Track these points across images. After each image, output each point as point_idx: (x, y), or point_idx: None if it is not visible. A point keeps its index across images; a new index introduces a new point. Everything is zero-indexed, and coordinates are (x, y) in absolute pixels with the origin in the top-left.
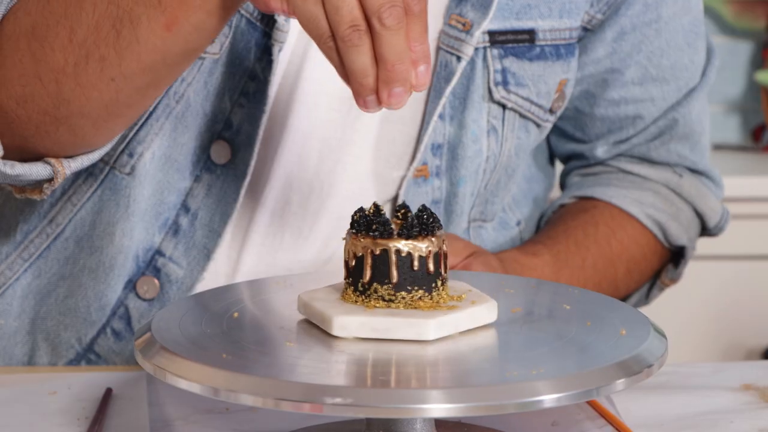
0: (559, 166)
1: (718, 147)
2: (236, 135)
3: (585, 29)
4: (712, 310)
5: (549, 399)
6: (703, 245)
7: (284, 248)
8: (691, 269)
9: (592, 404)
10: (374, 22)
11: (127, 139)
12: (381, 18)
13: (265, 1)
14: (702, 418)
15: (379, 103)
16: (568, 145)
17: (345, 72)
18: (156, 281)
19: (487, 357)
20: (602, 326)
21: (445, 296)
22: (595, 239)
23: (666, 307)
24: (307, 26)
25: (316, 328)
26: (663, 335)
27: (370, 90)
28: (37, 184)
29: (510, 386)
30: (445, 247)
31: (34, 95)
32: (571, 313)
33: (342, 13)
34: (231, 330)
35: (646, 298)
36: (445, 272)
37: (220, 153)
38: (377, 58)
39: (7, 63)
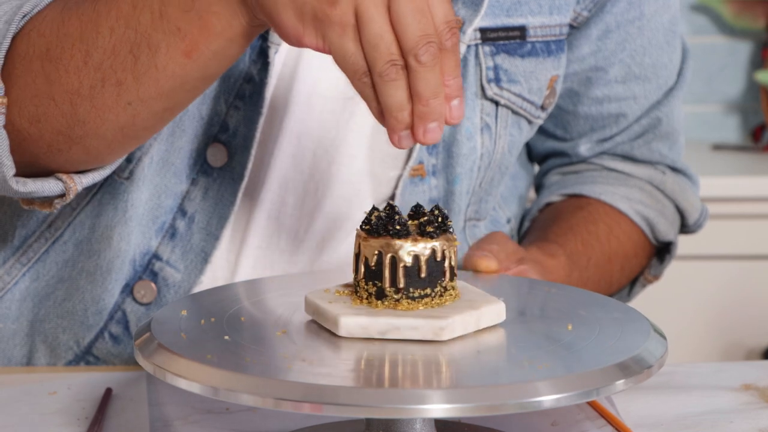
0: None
1: (718, 147)
2: (233, 138)
3: (570, 27)
4: (712, 310)
5: (549, 399)
6: (703, 245)
7: (281, 249)
8: (691, 269)
9: (592, 404)
10: (410, 59)
11: None
12: (417, 55)
13: (297, 36)
14: (702, 418)
15: (414, 139)
16: (548, 143)
17: (379, 109)
18: (153, 285)
19: (487, 357)
20: (602, 327)
21: (454, 297)
22: (597, 237)
23: (666, 307)
24: (343, 62)
25: (316, 327)
26: (663, 336)
27: (405, 125)
28: (47, 199)
29: (510, 386)
30: (455, 248)
31: (47, 115)
32: (571, 314)
33: (380, 49)
34: (231, 330)
35: (629, 295)
36: (455, 273)
37: (216, 156)
38: (412, 94)
39: (20, 83)
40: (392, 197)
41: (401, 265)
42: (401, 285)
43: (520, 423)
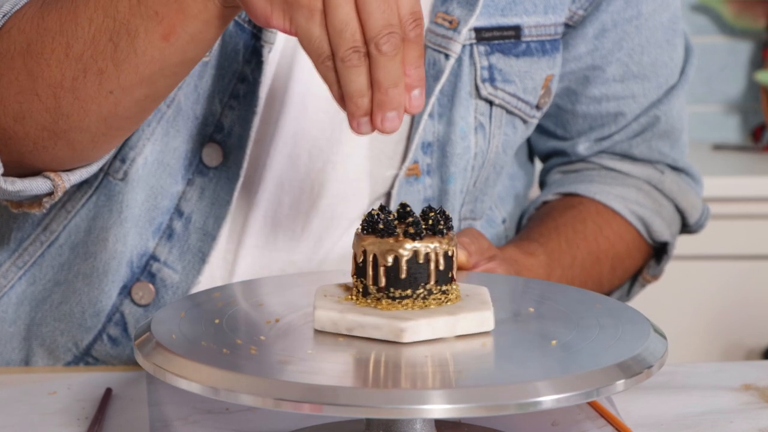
0: (538, 164)
1: (718, 147)
2: (228, 137)
3: (566, 26)
4: (712, 310)
5: (549, 400)
6: (703, 245)
7: (278, 249)
8: (691, 269)
9: (592, 404)
10: (371, 47)
11: (120, 145)
12: (378, 44)
13: (266, 17)
14: (702, 418)
15: (373, 126)
16: (549, 143)
17: (340, 93)
18: (151, 287)
19: (487, 358)
20: (602, 327)
21: (443, 301)
22: (584, 236)
23: (666, 307)
24: (308, 45)
25: (308, 322)
26: (663, 336)
27: (364, 112)
28: (36, 199)
29: (510, 387)
30: (453, 249)
31: (32, 111)
32: (570, 314)
33: (345, 35)
34: (230, 330)
35: (627, 295)
36: (451, 277)
37: (211, 156)
38: (372, 83)
39: (3, 81)
40: (388, 196)
41: (382, 264)
42: (382, 284)
43: (520, 423)
